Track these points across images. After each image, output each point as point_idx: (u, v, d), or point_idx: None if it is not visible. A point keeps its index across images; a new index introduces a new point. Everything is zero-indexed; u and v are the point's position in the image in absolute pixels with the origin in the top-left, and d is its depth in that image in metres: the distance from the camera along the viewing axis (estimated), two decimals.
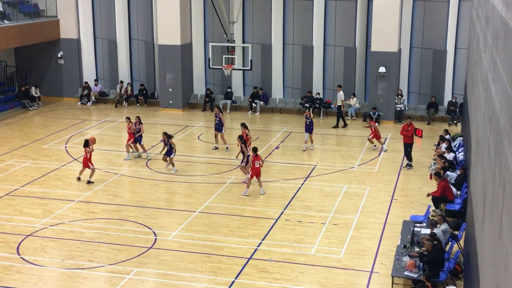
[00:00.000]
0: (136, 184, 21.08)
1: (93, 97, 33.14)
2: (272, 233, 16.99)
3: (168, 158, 22.18)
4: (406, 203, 19.33)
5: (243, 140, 21.25)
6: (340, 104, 28.53)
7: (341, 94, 28.75)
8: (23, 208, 18.74)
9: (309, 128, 24.57)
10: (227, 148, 24.52)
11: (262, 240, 16.56)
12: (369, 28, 29.87)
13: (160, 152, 23.06)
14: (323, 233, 17.00)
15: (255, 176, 19.82)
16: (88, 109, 32.45)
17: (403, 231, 15.72)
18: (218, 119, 24.43)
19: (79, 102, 33.32)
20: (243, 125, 22.47)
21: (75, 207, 18.89)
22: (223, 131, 24.56)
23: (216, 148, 24.74)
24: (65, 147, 25.16)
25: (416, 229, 15.66)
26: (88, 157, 20.83)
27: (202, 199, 19.53)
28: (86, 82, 33.53)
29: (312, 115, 24.86)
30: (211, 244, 16.30)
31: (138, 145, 23.71)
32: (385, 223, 17.76)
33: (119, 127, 27.76)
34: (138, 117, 24.05)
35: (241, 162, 21.33)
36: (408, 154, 22.68)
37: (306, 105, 29.59)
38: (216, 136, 24.91)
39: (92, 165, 20.95)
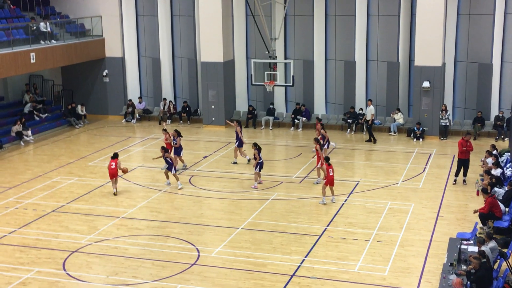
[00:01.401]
0: (179, 200, 21.23)
1: (137, 115, 33.62)
2: (315, 250, 16.87)
3: (169, 173, 22.48)
4: (452, 220, 18.98)
5: (257, 147, 22.11)
6: (370, 118, 28.56)
7: (371, 108, 28.64)
8: (69, 225, 19.05)
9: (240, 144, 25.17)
10: (248, 160, 25.05)
11: (305, 257, 16.45)
12: (412, 42, 29.59)
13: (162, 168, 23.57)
14: (367, 250, 16.80)
15: (328, 184, 20.37)
16: (132, 126, 32.92)
17: (450, 249, 15.41)
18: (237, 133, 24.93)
19: (124, 120, 33.83)
20: (316, 140, 22.85)
21: (120, 223, 19.12)
22: (237, 145, 25.06)
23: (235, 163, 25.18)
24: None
25: (463, 246, 15.34)
26: (114, 166, 21.56)
27: (245, 216, 19.54)
28: (130, 100, 34.06)
29: (322, 130, 24.99)
30: (254, 261, 16.27)
31: (178, 158, 24.10)
32: (430, 240, 17.45)
33: (163, 144, 27.98)
34: (176, 131, 24.48)
35: (255, 169, 22.14)
36: (459, 170, 22.19)
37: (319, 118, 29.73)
38: (236, 151, 25.36)
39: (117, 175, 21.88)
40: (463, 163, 22.14)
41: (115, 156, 21.96)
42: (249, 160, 24.91)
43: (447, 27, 28.97)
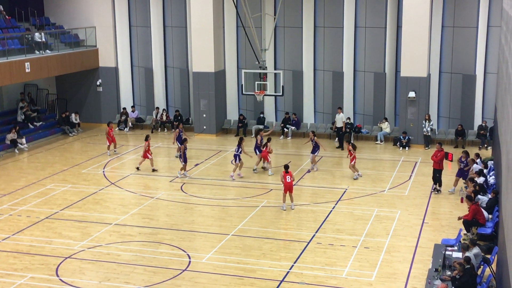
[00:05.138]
0: (171, 207, 21.17)
1: (130, 123, 33.53)
2: (304, 256, 16.85)
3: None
4: (437, 227, 19.02)
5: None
6: (341, 125, 29.00)
7: (341, 116, 28.92)
8: (62, 231, 18.94)
9: (313, 150, 25.23)
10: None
11: (294, 263, 16.43)
12: (398, 53, 29.73)
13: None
14: (355, 256, 16.80)
15: (288, 191, 20.48)
16: (125, 134, 32.81)
17: (435, 255, 15.44)
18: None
19: (117, 128, 33.70)
20: (348, 142, 24.84)
21: (112, 230, 19.03)
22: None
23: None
24: (103, 171, 25.43)
25: (447, 252, 15.38)
26: (147, 149, 24.78)
27: (235, 222, 19.50)
28: (124, 109, 33.97)
29: (315, 137, 25.38)
30: (244, 267, 16.23)
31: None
32: (416, 246, 17.48)
33: (155, 152, 27.91)
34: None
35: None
36: (435, 179, 22.28)
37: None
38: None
39: (150, 155, 24.98)
40: (436, 172, 22.18)
41: (146, 139, 25.39)
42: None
43: (432, 39, 29.14)
